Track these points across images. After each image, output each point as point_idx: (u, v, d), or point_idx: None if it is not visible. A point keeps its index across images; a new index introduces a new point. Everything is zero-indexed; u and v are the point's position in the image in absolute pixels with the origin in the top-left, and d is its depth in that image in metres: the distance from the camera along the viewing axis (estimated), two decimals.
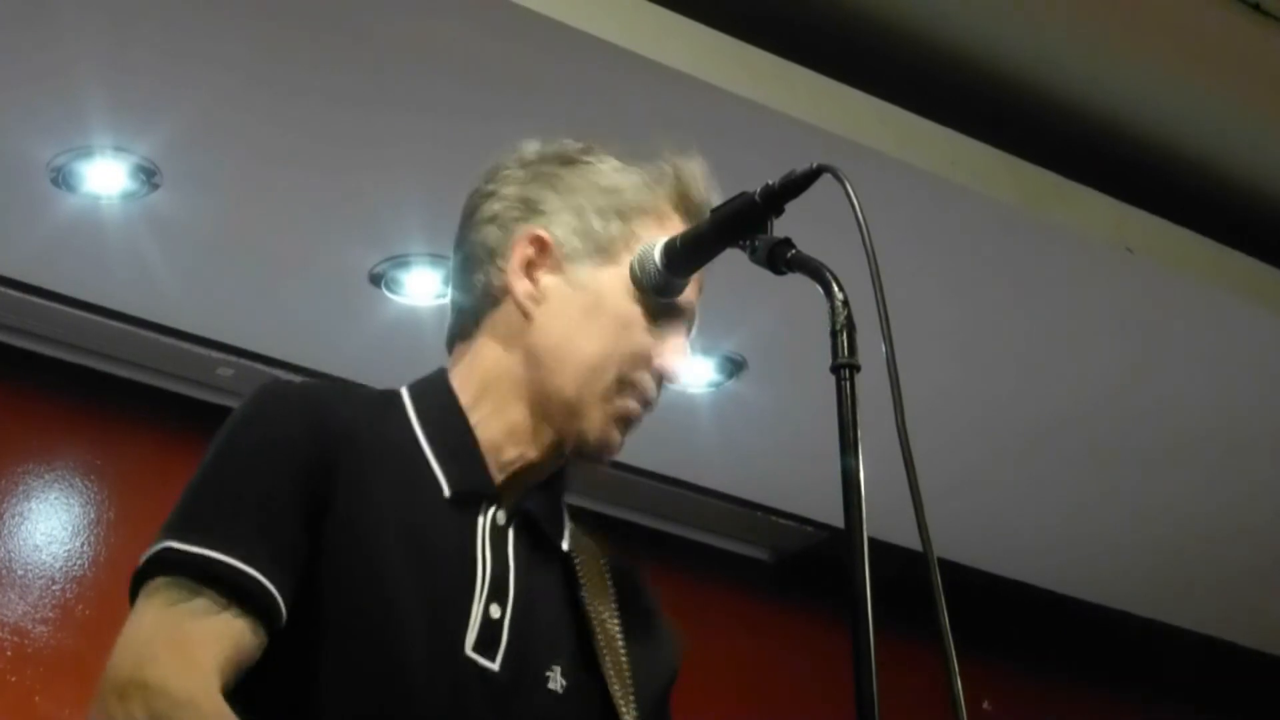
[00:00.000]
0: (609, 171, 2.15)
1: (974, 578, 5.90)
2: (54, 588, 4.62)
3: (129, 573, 1.93)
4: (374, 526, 1.95)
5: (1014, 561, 6.09)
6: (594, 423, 2.06)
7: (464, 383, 2.11)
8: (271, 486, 1.91)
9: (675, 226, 2.11)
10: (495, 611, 1.99)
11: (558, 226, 2.11)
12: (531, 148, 2.19)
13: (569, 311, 2.08)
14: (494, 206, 2.15)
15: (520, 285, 2.09)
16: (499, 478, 2.06)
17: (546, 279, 2.10)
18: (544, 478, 2.11)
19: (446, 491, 2.02)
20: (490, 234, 2.13)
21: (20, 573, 4.60)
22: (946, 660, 1.71)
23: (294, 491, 1.91)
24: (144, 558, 1.90)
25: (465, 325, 2.15)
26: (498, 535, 2.04)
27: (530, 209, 2.13)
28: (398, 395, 2.11)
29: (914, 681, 3.51)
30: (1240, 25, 4.35)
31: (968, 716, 1.73)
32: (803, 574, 5.92)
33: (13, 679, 4.46)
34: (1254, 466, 5.52)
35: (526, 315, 2.09)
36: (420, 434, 2.06)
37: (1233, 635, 6.70)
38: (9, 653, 4.48)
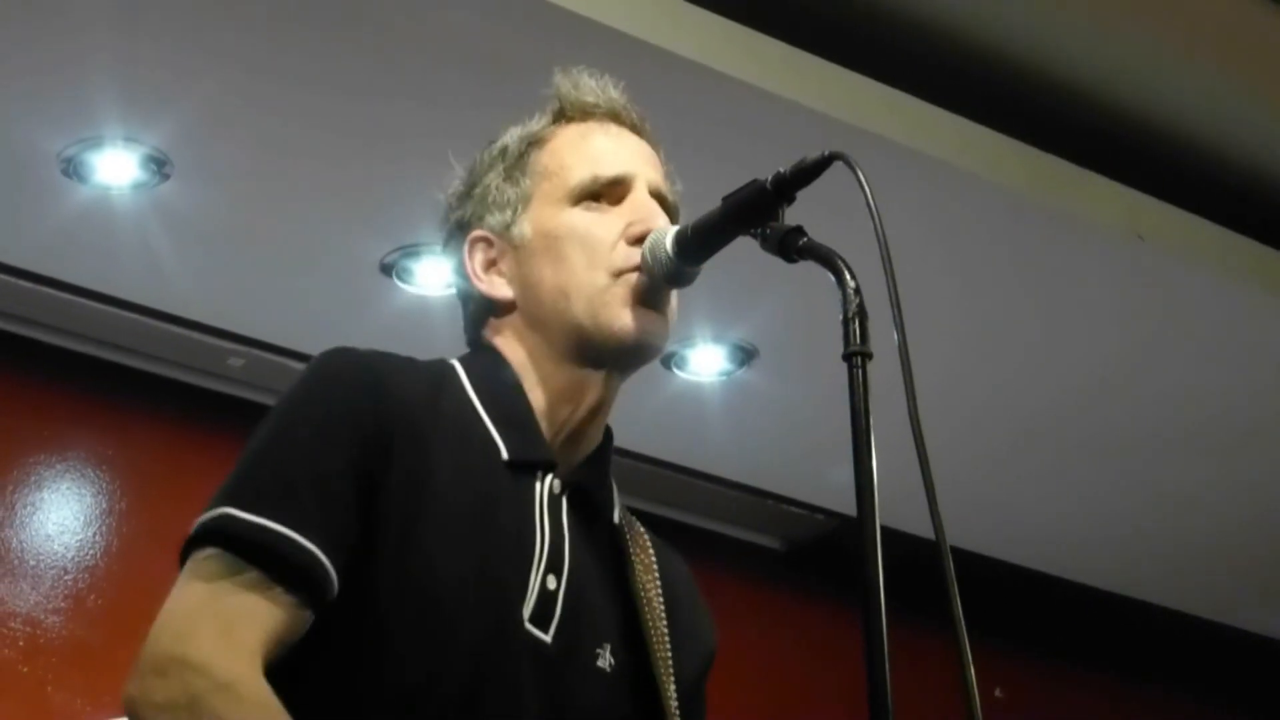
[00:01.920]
0: (497, 144, 2.23)
1: (986, 565, 5.90)
2: (66, 578, 4.62)
3: (141, 562, 1.94)
4: (431, 499, 1.95)
5: (1026, 549, 6.09)
6: (612, 313, 2.07)
7: (510, 359, 2.14)
8: (329, 460, 1.92)
9: (570, 135, 2.19)
10: (552, 583, 2.00)
11: (488, 219, 2.17)
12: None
13: (537, 267, 2.11)
14: (445, 242, 2.24)
15: (492, 287, 2.15)
16: (554, 443, 2.08)
17: (506, 263, 2.14)
18: (593, 448, 2.13)
19: (505, 456, 2.03)
20: (452, 262, 2.21)
21: (32, 563, 4.60)
22: (959, 648, 1.71)
23: (350, 465, 1.92)
24: (199, 522, 1.89)
25: (473, 337, 2.20)
26: (554, 504, 2.05)
27: (463, 226, 2.20)
28: (450, 365, 2.13)
29: (926, 669, 3.51)
30: (1251, 12, 4.35)
31: (980, 704, 1.72)
32: (814, 562, 5.92)
33: (25, 669, 4.47)
34: (1266, 453, 5.52)
35: (513, 303, 2.13)
36: (477, 401, 2.08)
37: (1244, 622, 6.70)
38: (21, 643, 4.49)
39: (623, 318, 2.07)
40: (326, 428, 1.94)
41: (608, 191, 2.14)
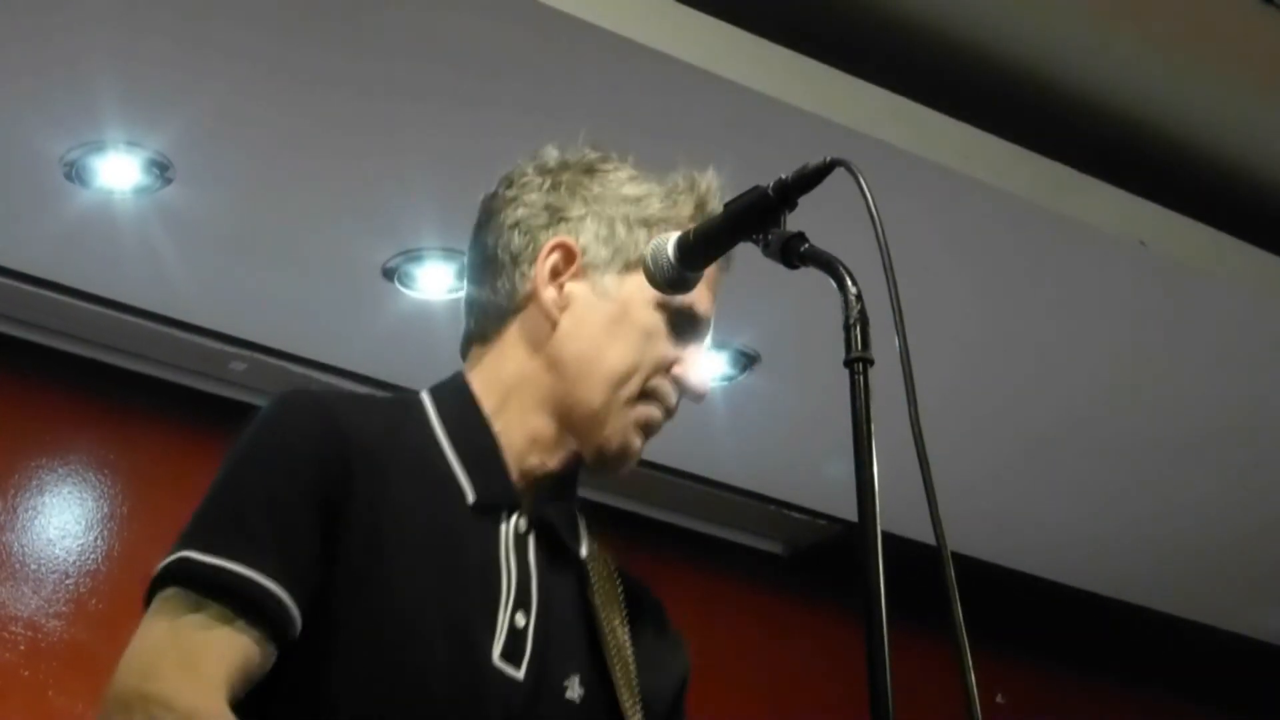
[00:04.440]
0: (629, 181, 2.17)
1: (988, 572, 5.90)
2: (67, 582, 4.62)
3: (142, 567, 1.93)
4: (394, 536, 1.94)
5: (1027, 556, 6.09)
6: (616, 431, 2.08)
7: (486, 388, 2.11)
8: (287, 498, 1.91)
9: None
10: (520, 620, 1.99)
11: (583, 234, 2.12)
12: (551, 154, 2.20)
13: (595, 320, 2.09)
14: (517, 212, 2.16)
15: (547, 293, 2.11)
16: (519, 484, 2.07)
17: (572, 286, 2.11)
18: (559, 483, 2.12)
19: (470, 499, 2.03)
20: (514, 240, 2.14)
21: (33, 567, 4.60)
22: (960, 654, 1.71)
23: (310, 503, 1.91)
24: (159, 567, 1.90)
25: (485, 329, 2.16)
26: (520, 543, 2.04)
27: (555, 216, 2.14)
28: (418, 401, 2.11)
29: (927, 675, 3.50)
30: (1254, 19, 4.34)
31: (981, 710, 1.72)
32: (816, 568, 5.92)
33: (26, 673, 4.47)
34: (1269, 461, 5.51)
35: (552, 323, 2.10)
36: (443, 441, 2.06)
37: (1248, 630, 6.70)
38: (22, 647, 4.49)
39: (627, 438, 2.10)
40: (284, 467, 1.93)
41: (686, 323, 2.13)
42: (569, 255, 2.12)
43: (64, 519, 4.70)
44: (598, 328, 2.09)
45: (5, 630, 4.49)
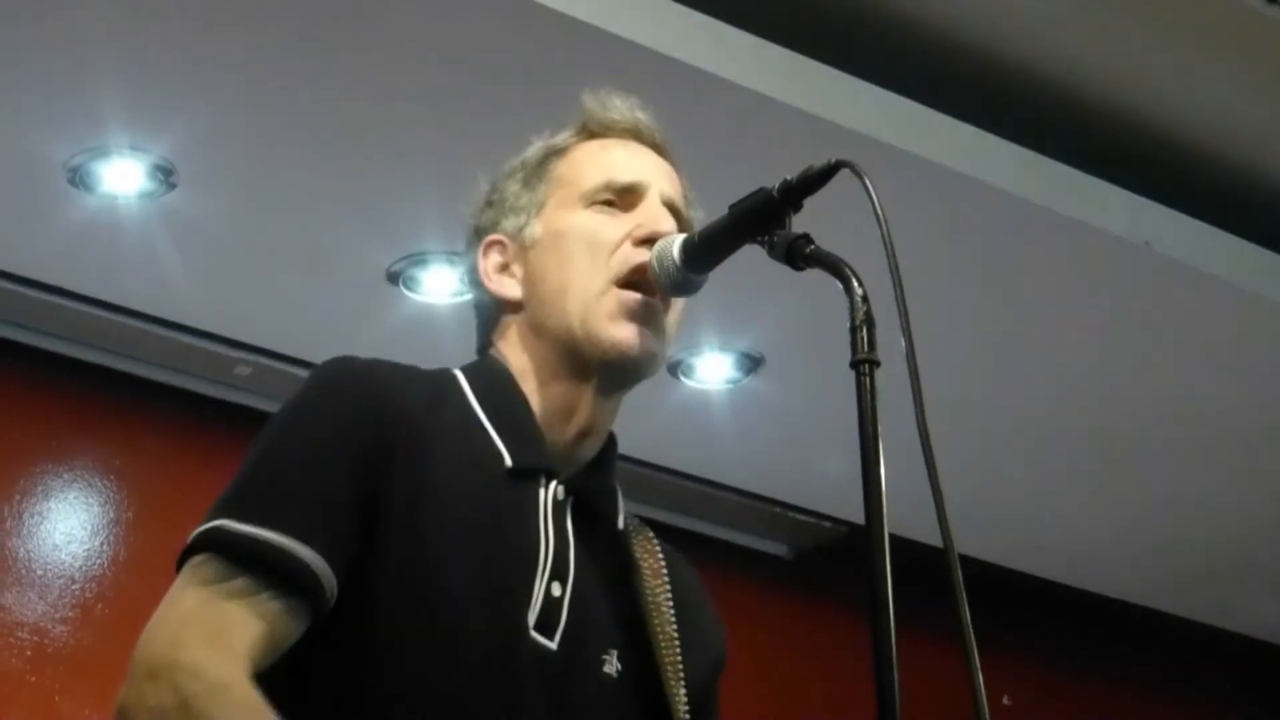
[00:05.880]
0: (521, 155, 2.25)
1: (995, 573, 5.90)
2: (73, 587, 4.62)
3: (149, 572, 1.94)
4: (433, 506, 1.95)
5: (1034, 557, 6.09)
6: (601, 324, 2.08)
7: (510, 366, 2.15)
8: (327, 467, 1.92)
9: (590, 148, 2.21)
10: (556, 590, 1.99)
11: (502, 225, 2.19)
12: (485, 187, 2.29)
13: (544, 265, 2.14)
14: (465, 250, 2.26)
15: (501, 287, 2.17)
16: (555, 452, 2.08)
17: (517, 265, 2.16)
18: (595, 454, 2.13)
19: (509, 463, 2.03)
20: (467, 264, 2.24)
21: (39, 572, 4.60)
22: (967, 655, 1.71)
23: (350, 472, 1.92)
24: (195, 533, 1.90)
25: (488, 336, 2.20)
26: (558, 511, 2.05)
27: (481, 233, 2.22)
28: (452, 375, 2.13)
29: (935, 677, 3.50)
30: (1259, 19, 4.34)
31: (988, 711, 1.72)
32: (822, 570, 5.92)
33: (32, 679, 4.47)
34: (1275, 461, 5.51)
35: (519, 302, 2.15)
36: (479, 409, 2.08)
37: (1254, 629, 6.69)
38: (29, 652, 4.49)
39: (611, 329, 2.07)
40: (326, 437, 1.95)
41: (620, 198, 2.15)
42: (501, 246, 2.18)
43: (70, 524, 4.70)
44: (549, 267, 2.13)
45: (12, 636, 4.49)
